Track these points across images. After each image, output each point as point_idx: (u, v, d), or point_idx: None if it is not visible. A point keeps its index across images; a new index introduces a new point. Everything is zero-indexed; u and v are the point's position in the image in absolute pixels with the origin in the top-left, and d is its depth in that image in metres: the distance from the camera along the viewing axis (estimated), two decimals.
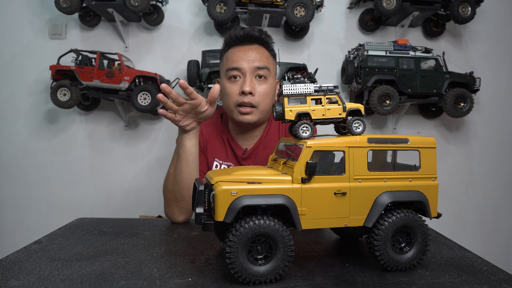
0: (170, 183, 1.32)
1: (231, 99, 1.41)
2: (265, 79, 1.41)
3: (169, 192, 1.33)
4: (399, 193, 0.85)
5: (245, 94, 1.37)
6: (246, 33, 1.41)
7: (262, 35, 1.43)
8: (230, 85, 1.41)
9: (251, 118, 1.40)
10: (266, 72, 1.41)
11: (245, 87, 1.36)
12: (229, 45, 1.45)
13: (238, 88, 1.39)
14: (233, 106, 1.41)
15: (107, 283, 0.79)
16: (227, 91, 1.42)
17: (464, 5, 2.41)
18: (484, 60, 2.78)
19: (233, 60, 1.40)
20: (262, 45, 1.45)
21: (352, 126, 0.84)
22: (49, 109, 2.58)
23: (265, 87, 1.41)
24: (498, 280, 0.81)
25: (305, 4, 2.29)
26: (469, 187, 2.83)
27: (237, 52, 1.41)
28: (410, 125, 2.75)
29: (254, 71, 1.39)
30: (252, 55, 1.40)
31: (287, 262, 0.78)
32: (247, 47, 1.42)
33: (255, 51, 1.41)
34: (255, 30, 1.42)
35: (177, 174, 1.29)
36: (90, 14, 2.51)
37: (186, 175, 1.28)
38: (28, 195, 2.61)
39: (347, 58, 2.53)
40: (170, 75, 2.57)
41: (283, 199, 0.78)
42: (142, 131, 2.64)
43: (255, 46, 1.43)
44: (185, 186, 1.28)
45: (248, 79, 1.38)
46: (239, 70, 1.39)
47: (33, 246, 1.03)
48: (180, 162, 1.28)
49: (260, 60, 1.40)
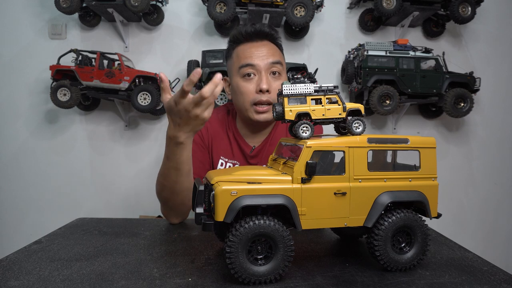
0: (166, 193, 1.23)
1: (247, 98, 1.36)
2: (279, 75, 1.39)
3: (167, 201, 1.25)
4: (399, 193, 0.85)
5: (263, 92, 1.34)
6: (258, 29, 1.38)
7: (272, 31, 1.41)
8: (245, 84, 1.36)
9: (268, 116, 1.37)
10: (280, 67, 1.38)
11: (263, 84, 1.32)
12: (237, 41, 1.41)
13: (254, 86, 1.35)
14: (249, 105, 1.36)
15: (107, 283, 0.79)
16: (241, 90, 1.37)
17: (464, 5, 2.41)
18: (484, 60, 2.78)
19: (245, 57, 1.36)
20: (271, 41, 1.42)
21: (352, 126, 0.84)
22: (49, 109, 2.58)
23: (280, 84, 1.39)
24: (498, 280, 0.81)
25: (305, 4, 2.29)
26: (469, 187, 2.83)
27: (248, 48, 1.37)
28: (410, 125, 2.75)
29: (269, 68, 1.36)
30: (264, 51, 1.37)
31: (287, 262, 0.78)
32: (258, 43, 1.38)
33: (266, 47, 1.38)
34: (265, 26, 1.40)
35: (177, 187, 1.19)
36: (90, 14, 2.51)
37: (186, 184, 1.19)
38: (28, 195, 2.62)
39: (347, 58, 2.53)
40: (170, 75, 2.57)
41: (283, 199, 0.77)
42: (142, 131, 2.64)
43: (265, 42, 1.40)
44: (184, 194, 1.20)
45: (264, 76, 1.34)
46: (253, 67, 1.35)
47: (33, 246, 1.03)
48: (181, 176, 1.17)
49: (274, 55, 1.38)
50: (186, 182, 1.19)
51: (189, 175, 1.19)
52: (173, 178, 1.18)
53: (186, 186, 1.19)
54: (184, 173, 1.17)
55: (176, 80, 2.48)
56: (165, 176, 1.20)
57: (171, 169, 1.16)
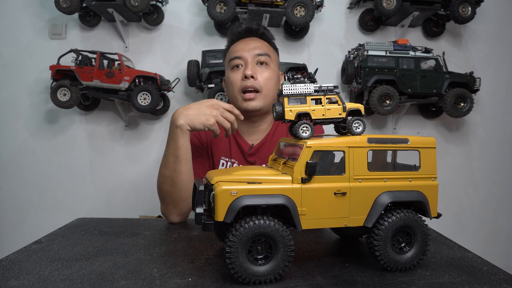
0: (167, 186, 1.27)
1: (235, 87, 1.45)
2: (266, 65, 1.46)
3: (166, 194, 1.29)
4: (399, 193, 0.85)
5: (247, 78, 1.40)
6: (246, 27, 1.50)
7: (260, 28, 1.52)
8: (233, 74, 1.46)
9: (256, 104, 1.42)
10: (267, 58, 1.46)
11: (247, 71, 1.41)
12: (231, 41, 1.53)
13: (240, 74, 1.43)
14: (237, 92, 1.44)
15: (107, 283, 0.79)
16: (230, 79, 1.47)
17: (464, 5, 2.41)
18: (484, 60, 2.78)
19: (234, 51, 1.47)
20: (261, 37, 1.52)
21: (352, 126, 0.84)
22: (49, 109, 2.58)
23: (268, 73, 1.45)
24: (498, 280, 0.81)
25: (305, 4, 2.29)
26: (469, 187, 2.83)
27: (238, 44, 1.49)
28: (410, 125, 2.75)
29: (255, 58, 1.44)
30: (252, 45, 1.47)
31: (287, 262, 0.78)
32: (247, 40, 1.50)
33: (255, 42, 1.49)
34: (253, 23, 1.52)
35: (176, 177, 1.24)
36: (90, 14, 2.51)
37: (185, 176, 1.25)
38: (28, 195, 2.61)
39: (347, 58, 2.53)
40: (170, 75, 2.57)
41: (283, 199, 0.77)
42: (142, 131, 2.64)
43: (254, 38, 1.51)
44: (184, 187, 1.25)
45: (250, 64, 1.42)
46: (240, 59, 1.45)
47: (33, 246, 1.03)
48: (179, 164, 1.24)
49: (261, 48, 1.47)
50: (185, 172, 1.25)
51: (187, 165, 1.26)
52: (172, 166, 1.25)
53: (185, 178, 1.25)
54: (182, 160, 1.24)
55: (176, 80, 2.48)
56: (165, 165, 1.28)
57: (170, 156, 1.25)
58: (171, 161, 1.25)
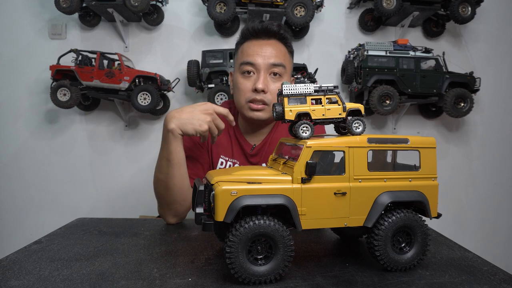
0: (161, 188, 1.26)
1: (243, 95, 1.37)
2: (279, 77, 1.37)
3: (161, 196, 1.28)
4: (399, 193, 0.85)
5: (258, 92, 1.33)
6: (264, 26, 1.35)
7: (281, 30, 1.37)
8: (243, 80, 1.37)
9: (262, 115, 1.37)
10: (281, 69, 1.36)
11: (258, 84, 1.32)
12: (245, 37, 1.40)
13: (251, 84, 1.35)
14: (244, 102, 1.37)
15: (107, 283, 0.79)
16: (239, 86, 1.37)
17: (464, 5, 2.41)
18: (484, 60, 2.78)
19: (248, 54, 1.35)
20: (280, 40, 1.39)
21: (352, 126, 0.83)
22: (49, 109, 2.58)
23: (279, 86, 1.38)
24: (498, 280, 0.81)
25: (305, 4, 2.29)
26: (469, 187, 2.83)
27: (252, 46, 1.36)
28: (410, 125, 2.75)
29: (269, 68, 1.34)
30: (268, 51, 1.34)
31: (287, 262, 0.78)
32: (264, 42, 1.36)
33: (271, 47, 1.36)
34: (274, 24, 1.37)
35: (169, 180, 1.23)
36: (90, 14, 2.51)
37: (178, 179, 1.23)
38: (28, 195, 2.62)
39: (347, 58, 2.53)
40: (170, 75, 2.57)
41: (283, 199, 0.77)
42: (142, 131, 2.64)
43: (273, 41, 1.37)
44: (177, 191, 1.24)
45: (262, 76, 1.33)
46: (253, 66, 1.34)
47: (33, 246, 1.03)
48: (171, 168, 1.22)
49: (277, 56, 1.35)
50: (177, 176, 1.23)
51: (180, 169, 1.24)
52: (165, 170, 1.23)
53: (178, 181, 1.24)
54: (174, 165, 1.22)
55: (176, 80, 2.48)
56: (158, 168, 1.27)
57: (163, 159, 1.23)
58: (164, 164, 1.23)
